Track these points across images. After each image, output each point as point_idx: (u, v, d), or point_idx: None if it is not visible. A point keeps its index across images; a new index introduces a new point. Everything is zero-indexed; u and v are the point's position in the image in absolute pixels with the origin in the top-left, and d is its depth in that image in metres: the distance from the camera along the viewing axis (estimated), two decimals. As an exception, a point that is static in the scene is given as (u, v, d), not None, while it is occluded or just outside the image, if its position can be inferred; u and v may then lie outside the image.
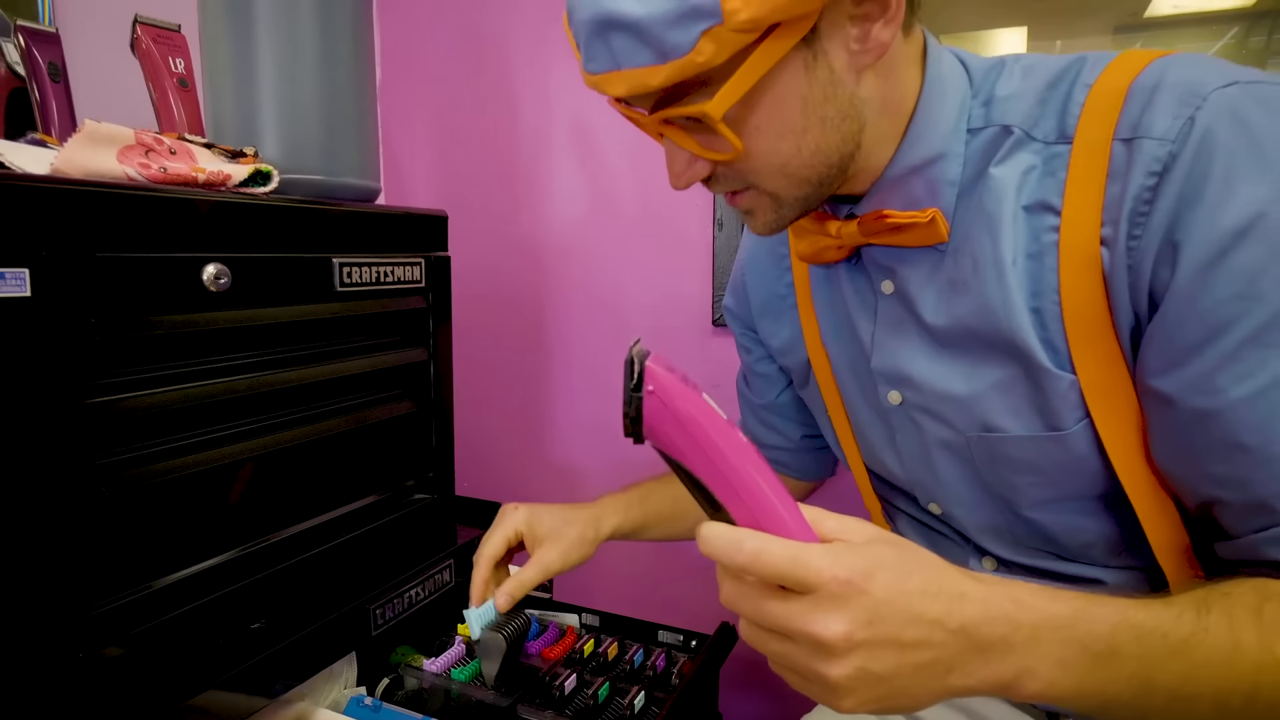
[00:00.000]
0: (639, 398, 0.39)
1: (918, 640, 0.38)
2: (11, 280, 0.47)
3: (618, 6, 0.44)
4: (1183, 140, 0.45)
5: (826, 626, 0.36)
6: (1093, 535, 0.55)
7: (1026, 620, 0.39)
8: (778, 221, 0.56)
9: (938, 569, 0.40)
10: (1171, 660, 0.40)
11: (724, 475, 0.39)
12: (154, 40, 0.80)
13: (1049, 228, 0.50)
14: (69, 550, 0.52)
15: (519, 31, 1.27)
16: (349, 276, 0.72)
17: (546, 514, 0.75)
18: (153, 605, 0.58)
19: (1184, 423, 0.46)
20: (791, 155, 0.51)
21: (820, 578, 0.37)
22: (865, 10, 0.48)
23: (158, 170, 0.58)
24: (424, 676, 0.74)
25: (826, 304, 0.66)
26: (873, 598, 0.37)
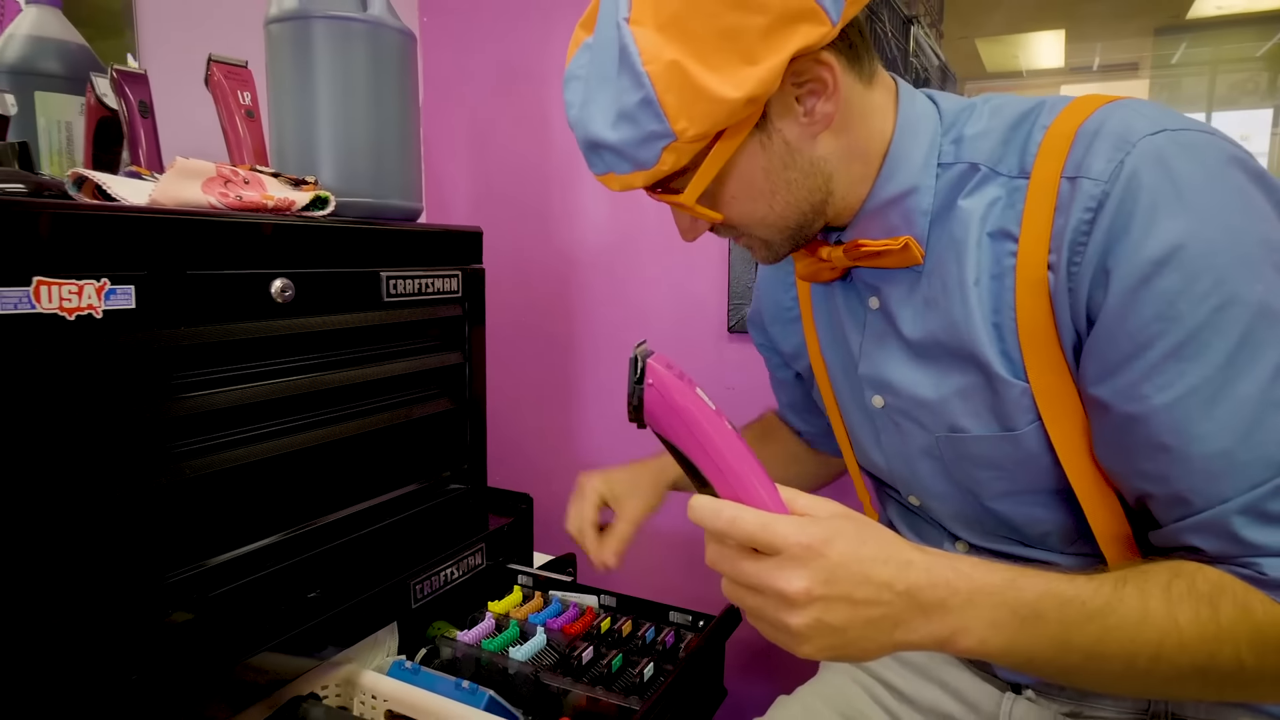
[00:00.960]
0: (641, 389, 0.47)
1: (868, 599, 0.44)
2: (121, 295, 0.56)
3: (599, 135, 0.55)
4: (1114, 180, 0.50)
5: (789, 582, 0.43)
6: (1049, 525, 0.61)
7: (964, 586, 0.46)
8: (773, 256, 0.65)
9: (889, 541, 0.47)
10: (1087, 624, 0.46)
11: (709, 456, 0.47)
12: (225, 75, 0.89)
13: (1009, 253, 0.56)
14: (155, 525, 0.61)
15: (550, 62, 1.35)
16: (395, 288, 0.81)
17: (618, 474, 0.85)
18: (224, 574, 0.67)
19: (1117, 426, 0.52)
20: (766, 213, 0.60)
21: (785, 542, 0.44)
22: (807, 90, 0.56)
23: (234, 198, 0.68)
24: (457, 646, 0.82)
25: (824, 317, 0.74)
26: (830, 560, 0.44)
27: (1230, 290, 0.47)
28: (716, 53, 0.51)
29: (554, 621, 0.86)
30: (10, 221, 0.50)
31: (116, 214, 0.57)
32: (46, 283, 0.52)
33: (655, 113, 0.52)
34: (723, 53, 0.51)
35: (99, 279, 0.55)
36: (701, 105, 0.52)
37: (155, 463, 0.61)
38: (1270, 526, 0.47)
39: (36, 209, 0.52)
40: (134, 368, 0.58)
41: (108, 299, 0.56)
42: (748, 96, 0.51)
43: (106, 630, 0.58)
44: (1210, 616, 0.46)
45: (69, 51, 0.93)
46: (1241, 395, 0.47)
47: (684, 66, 0.51)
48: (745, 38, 0.51)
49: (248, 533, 0.70)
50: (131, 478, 0.59)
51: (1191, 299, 0.48)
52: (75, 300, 0.54)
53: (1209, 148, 0.50)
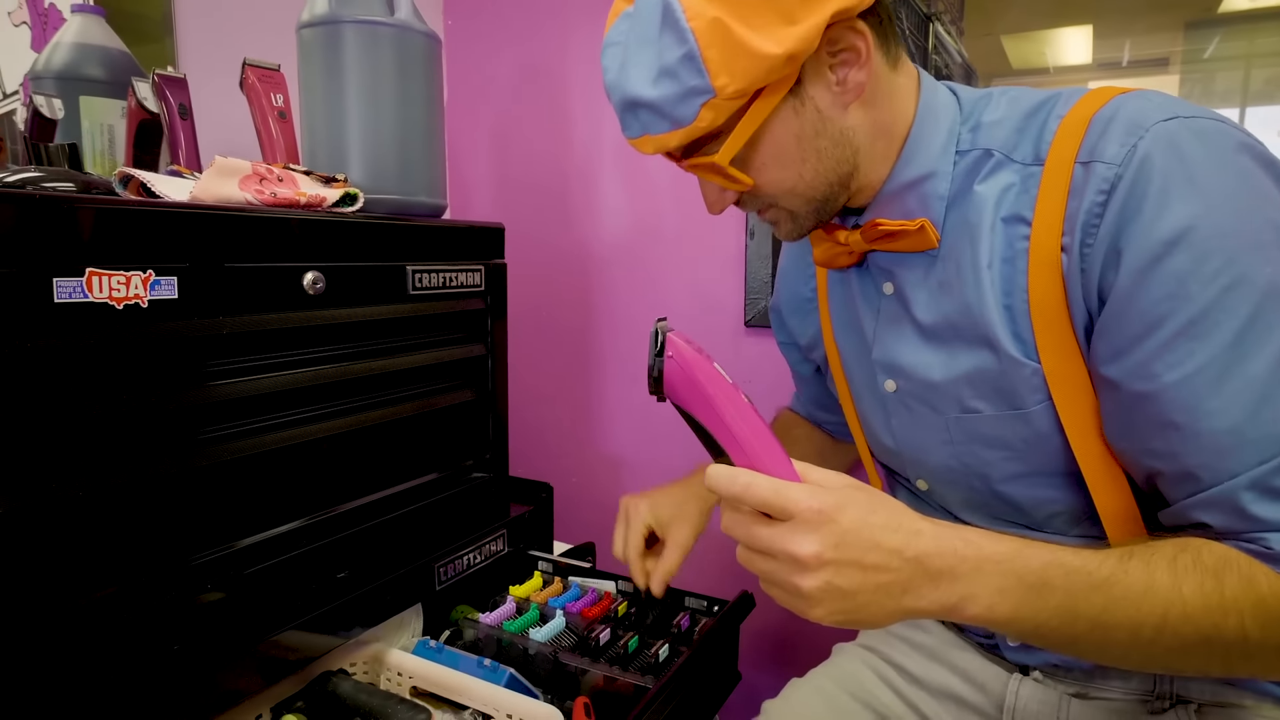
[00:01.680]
0: (661, 362, 0.50)
1: (878, 564, 0.46)
2: (165, 286, 0.60)
3: (638, 93, 0.57)
4: (1126, 164, 0.52)
5: (801, 546, 0.46)
6: (1057, 506, 0.62)
7: (971, 555, 0.48)
8: (798, 230, 0.66)
9: (899, 510, 0.49)
10: (1093, 594, 0.48)
11: (726, 426, 0.49)
12: (259, 79, 0.93)
13: (1021, 236, 0.58)
14: (193, 505, 0.65)
15: (570, 63, 1.38)
16: (420, 281, 0.84)
17: (663, 499, 0.86)
18: (256, 554, 0.71)
19: (1127, 404, 0.54)
20: (796, 181, 0.61)
21: (798, 506, 0.46)
22: (841, 59, 0.58)
23: (269, 195, 0.71)
24: (480, 627, 0.85)
25: (840, 304, 0.76)
26: (841, 526, 0.46)
27: (1239, 270, 0.49)
28: (758, 13, 0.53)
29: (573, 605, 0.89)
30: (66, 217, 0.54)
31: (160, 210, 0.60)
32: (98, 273, 0.55)
33: (697, 68, 0.54)
34: (764, 13, 0.53)
35: (145, 270, 0.58)
36: (742, 61, 0.53)
37: (194, 446, 0.64)
38: (1277, 502, 0.48)
39: (89, 205, 0.56)
40: (176, 355, 0.62)
41: (153, 289, 0.59)
42: (787, 54, 0.53)
43: (149, 602, 0.62)
44: (1215, 588, 0.47)
45: (112, 58, 0.97)
46: (1250, 373, 0.49)
47: (726, 24, 0.53)
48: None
49: (279, 515, 0.73)
50: (172, 459, 0.63)
51: (1201, 279, 0.49)
52: (124, 290, 0.57)
53: (1219, 134, 0.52)
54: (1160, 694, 0.63)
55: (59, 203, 0.54)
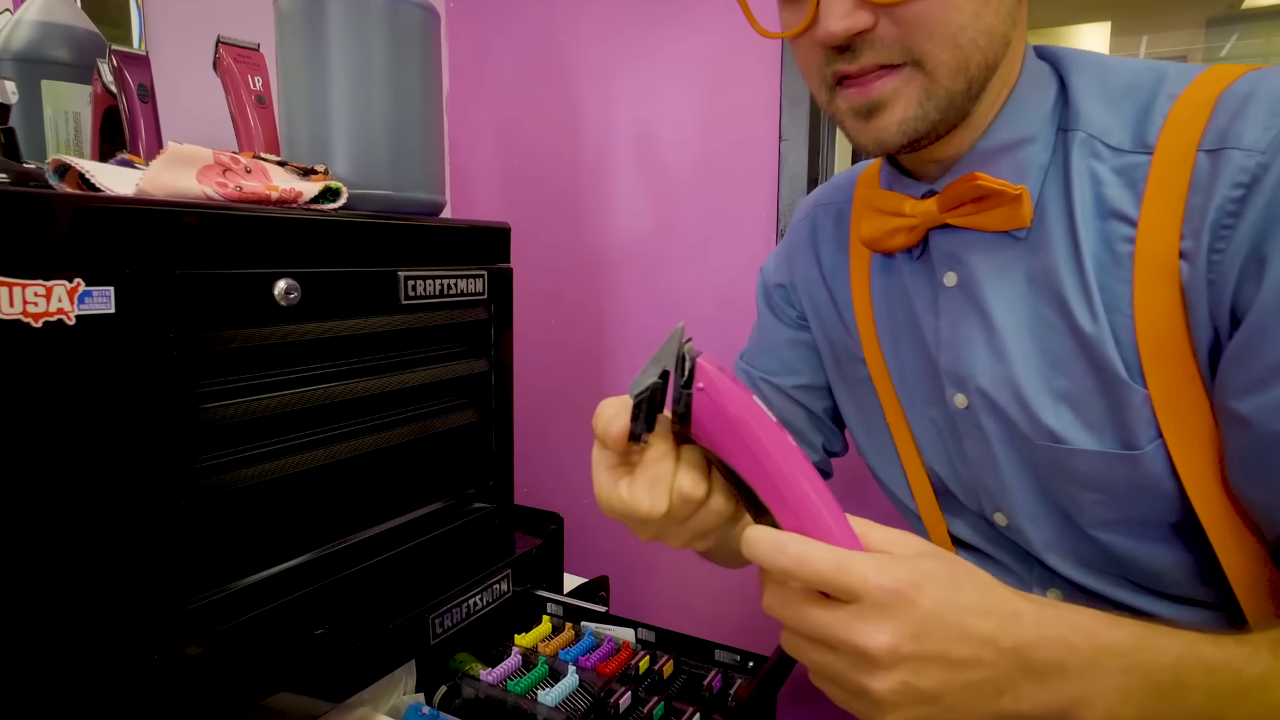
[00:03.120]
0: (689, 395, 0.39)
1: (967, 658, 0.37)
2: (98, 298, 0.49)
3: None
4: (1274, 151, 0.42)
5: (871, 637, 0.35)
6: (1165, 564, 0.52)
7: (1084, 645, 0.38)
8: (917, 119, 0.49)
9: (990, 586, 0.39)
10: (1244, 699, 0.38)
11: (771, 478, 0.38)
12: (235, 59, 0.83)
13: (1123, 238, 0.48)
14: (143, 556, 0.54)
15: (583, 46, 1.28)
16: (414, 289, 0.73)
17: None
18: (224, 610, 0.60)
19: (1263, 448, 0.44)
20: (968, 23, 0.47)
21: (865, 585, 0.36)
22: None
23: (233, 189, 0.60)
24: (480, 686, 0.74)
25: (886, 299, 0.63)
26: (920, 610, 0.36)
27: None
28: None
29: (587, 659, 0.78)
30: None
31: (93, 205, 0.50)
32: (7, 284, 0.45)
33: None
34: None
35: (71, 280, 0.48)
36: None
37: (137, 487, 0.53)
38: None
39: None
40: (113, 381, 0.51)
41: (81, 303, 0.48)
42: None
43: (108, 668, 0.51)
44: None
45: (78, 38, 0.87)
46: None
47: None
48: None
49: (248, 563, 0.63)
50: (106, 504, 0.52)
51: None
52: (42, 304, 0.46)
53: None
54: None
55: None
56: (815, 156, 1.09)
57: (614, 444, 0.41)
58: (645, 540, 0.45)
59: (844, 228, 0.68)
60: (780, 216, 1.12)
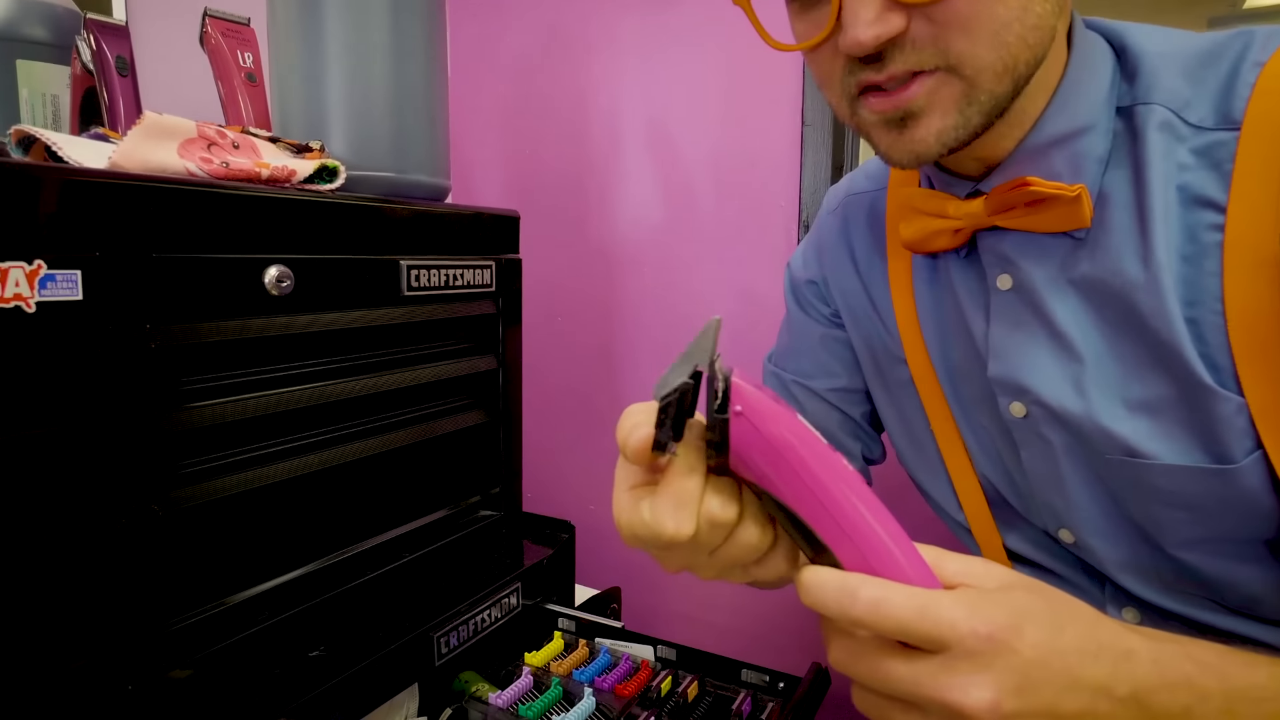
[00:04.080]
0: (725, 420, 0.33)
1: (1080, 711, 0.32)
2: (63, 283, 0.43)
3: None
4: None
5: (967, 693, 0.31)
6: (1261, 585, 0.47)
7: (1216, 688, 0.33)
8: (958, 128, 0.44)
9: (1094, 621, 0.34)
10: None
11: (828, 510, 0.32)
12: (223, 34, 0.77)
13: (1210, 226, 0.43)
14: (118, 573, 0.48)
15: (594, 29, 1.22)
16: (417, 280, 0.67)
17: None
18: (210, 631, 0.54)
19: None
20: (1014, 18, 0.41)
21: (956, 632, 0.31)
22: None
23: (219, 165, 0.54)
24: (490, 711, 0.68)
25: (930, 300, 0.58)
26: (1022, 658, 0.31)
27: None
28: None
29: (603, 680, 0.72)
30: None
31: (58, 178, 0.44)
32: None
33: None
34: None
35: (31, 262, 0.42)
36: None
37: (109, 496, 0.47)
38: None
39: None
40: (79, 377, 0.45)
41: (43, 287, 0.43)
42: None
43: (81, 699, 0.45)
44: None
45: (56, 15, 0.81)
46: None
47: None
48: None
49: (236, 580, 0.57)
50: (75, 516, 0.46)
51: None
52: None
53: None
54: None
55: (-109, 161, 0.38)
56: (840, 142, 1.03)
57: (634, 456, 0.34)
58: (672, 571, 0.39)
59: (879, 219, 0.63)
60: (803, 206, 1.06)
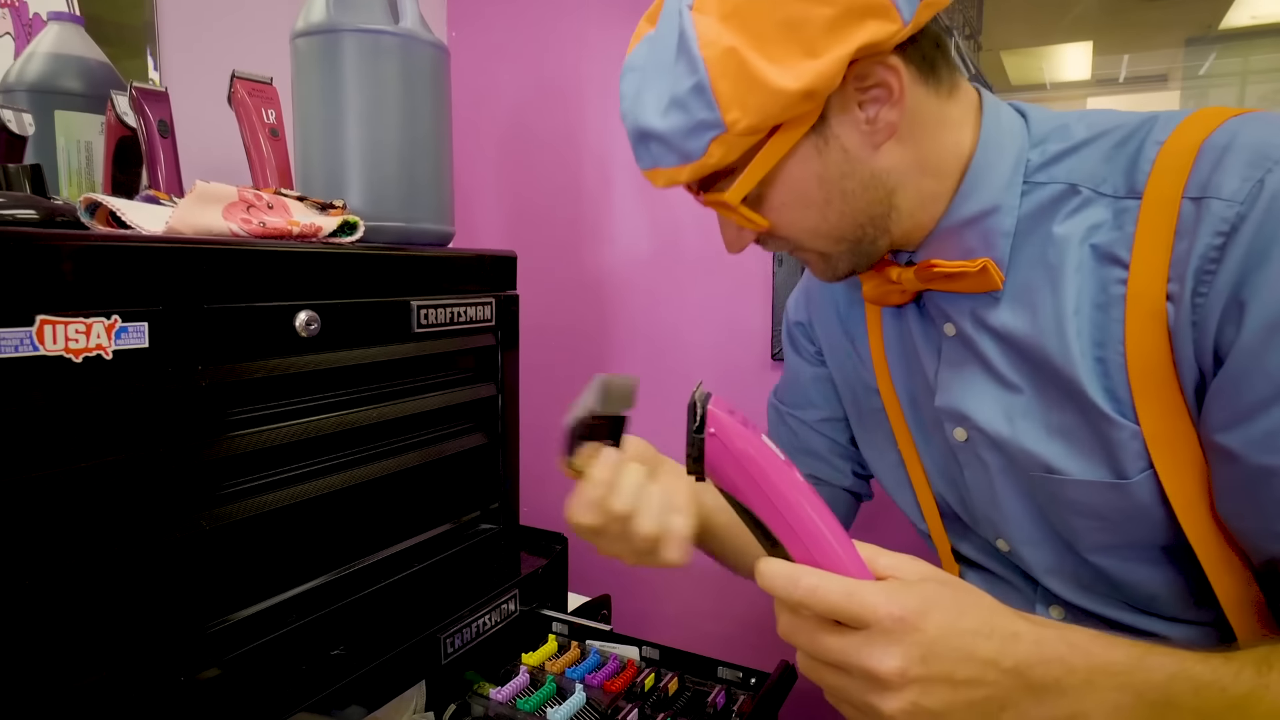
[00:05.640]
0: (701, 439, 0.42)
1: (971, 678, 0.39)
2: (133, 333, 0.51)
3: (648, 123, 0.52)
4: (1251, 202, 0.45)
5: (881, 661, 0.38)
6: (1158, 586, 0.55)
7: (1081, 664, 0.40)
8: (832, 272, 0.60)
9: (992, 609, 0.42)
10: (1229, 715, 0.40)
11: (781, 513, 0.41)
12: (249, 93, 0.85)
13: (1116, 280, 0.51)
14: (170, 580, 0.56)
15: (583, 76, 1.31)
16: (425, 318, 0.75)
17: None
18: (242, 633, 0.62)
19: (1249, 479, 0.46)
20: (819, 223, 0.55)
21: (875, 614, 0.38)
22: (871, 96, 0.51)
23: (257, 225, 0.63)
24: (490, 705, 0.76)
25: (895, 341, 0.68)
26: (926, 635, 0.39)
27: None
28: (777, 42, 0.47)
29: (593, 677, 0.80)
30: (13, 254, 0.45)
31: (128, 244, 0.52)
32: (51, 321, 0.47)
33: (707, 100, 0.49)
34: (783, 43, 0.47)
35: (109, 316, 0.50)
36: (756, 95, 0.48)
37: (168, 514, 0.55)
38: None
39: (41, 240, 0.47)
40: (147, 412, 0.53)
41: (118, 338, 0.50)
42: (805, 89, 0.48)
43: (127, 693, 0.53)
44: None
45: (90, 69, 0.90)
46: None
47: (741, 54, 0.47)
48: (809, 28, 0.47)
49: (268, 586, 0.65)
50: (141, 530, 0.54)
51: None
52: (83, 340, 0.48)
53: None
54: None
55: (5, 238, 0.46)
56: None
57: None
58: (602, 555, 0.55)
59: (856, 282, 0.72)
60: (776, 242, 1.15)
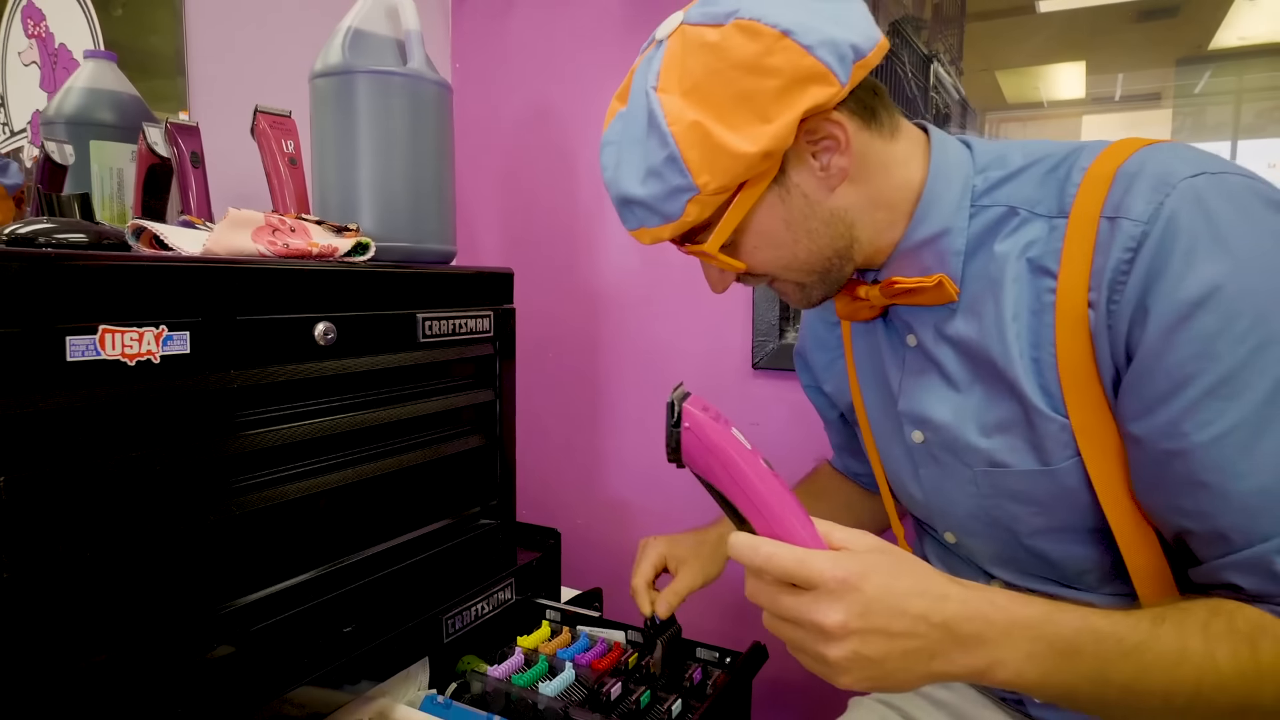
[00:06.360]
0: (678, 433, 0.49)
1: (904, 631, 0.46)
2: (178, 341, 0.59)
3: (630, 191, 0.60)
4: (1153, 221, 0.52)
5: (826, 616, 0.45)
6: (1086, 563, 0.62)
7: (1000, 619, 0.47)
8: (807, 300, 0.68)
9: (925, 574, 0.48)
10: (1124, 661, 0.47)
11: (746, 494, 0.48)
12: (270, 125, 0.94)
13: (1048, 289, 0.58)
14: (203, 560, 0.64)
15: (578, 105, 1.40)
16: (430, 329, 0.83)
17: (681, 541, 0.90)
18: (264, 609, 0.69)
19: (1155, 462, 0.53)
20: (789, 260, 0.63)
21: (822, 577, 0.45)
22: (822, 147, 0.60)
23: (281, 246, 0.71)
24: (487, 681, 0.83)
25: (865, 354, 0.76)
26: (866, 594, 0.45)
27: (1269, 330, 0.49)
28: (734, 113, 0.55)
29: (582, 657, 0.87)
30: (81, 275, 0.54)
31: (176, 265, 0.60)
32: (111, 330, 0.55)
33: (680, 168, 0.56)
34: (740, 113, 0.55)
35: (158, 326, 0.58)
36: (721, 160, 0.56)
37: (205, 500, 0.63)
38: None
39: (104, 261, 0.55)
40: (187, 410, 0.61)
41: (165, 345, 0.59)
42: (763, 151, 0.55)
43: (159, 660, 0.60)
44: (1250, 656, 0.47)
45: (123, 102, 0.98)
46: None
47: (705, 126, 0.55)
48: (760, 99, 0.55)
49: (286, 569, 0.72)
50: (183, 515, 0.61)
51: (1230, 339, 0.49)
52: (136, 346, 0.57)
53: (1247, 191, 0.52)
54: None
55: (74, 260, 0.54)
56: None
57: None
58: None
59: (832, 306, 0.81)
60: (756, 258, 1.23)
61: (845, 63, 0.56)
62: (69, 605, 0.55)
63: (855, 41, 0.56)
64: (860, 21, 0.58)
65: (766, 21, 0.54)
